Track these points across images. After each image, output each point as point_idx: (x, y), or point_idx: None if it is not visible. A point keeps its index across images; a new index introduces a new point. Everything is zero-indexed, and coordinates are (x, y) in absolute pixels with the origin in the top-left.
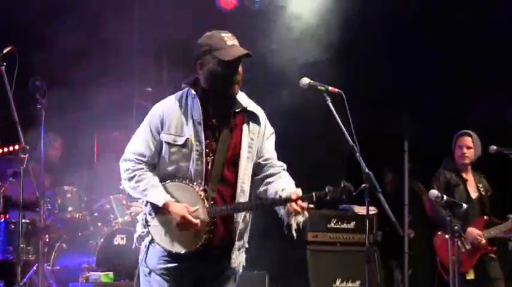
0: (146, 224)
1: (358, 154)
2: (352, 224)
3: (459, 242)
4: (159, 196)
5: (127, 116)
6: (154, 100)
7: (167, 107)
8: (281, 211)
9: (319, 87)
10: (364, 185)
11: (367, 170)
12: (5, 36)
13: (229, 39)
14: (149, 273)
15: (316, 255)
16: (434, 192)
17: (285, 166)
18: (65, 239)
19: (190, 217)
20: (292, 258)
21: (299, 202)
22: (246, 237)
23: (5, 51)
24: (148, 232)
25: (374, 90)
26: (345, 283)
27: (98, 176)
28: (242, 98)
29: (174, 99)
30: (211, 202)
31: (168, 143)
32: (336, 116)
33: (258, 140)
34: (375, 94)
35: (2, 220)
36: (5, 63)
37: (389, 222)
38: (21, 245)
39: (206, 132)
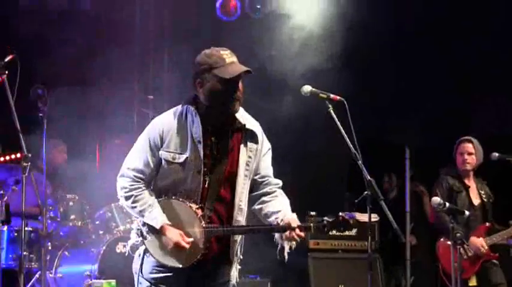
0: (142, 237)
1: (360, 162)
2: (354, 231)
3: (461, 249)
4: (157, 218)
5: (128, 123)
6: (155, 107)
7: (167, 124)
8: (275, 235)
9: (320, 94)
10: (366, 192)
11: (368, 178)
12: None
13: (228, 56)
14: (144, 282)
15: (318, 262)
16: (436, 199)
17: (280, 184)
18: (68, 247)
19: (184, 244)
20: (294, 265)
21: (297, 231)
22: (240, 249)
23: (6, 60)
24: (142, 242)
25: (377, 98)
26: None
27: (100, 183)
28: (241, 115)
29: (174, 116)
30: (208, 221)
31: (167, 161)
32: (338, 123)
33: (256, 158)
34: (378, 102)
35: (5, 228)
36: (6, 72)
37: (391, 229)
38: (24, 253)
39: (205, 150)
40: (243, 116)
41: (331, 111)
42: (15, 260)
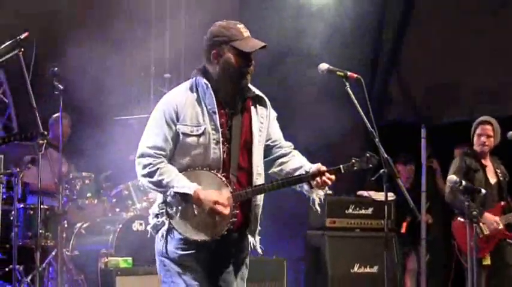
0: (168, 216)
1: (377, 140)
2: (370, 210)
3: (477, 228)
4: (189, 185)
5: (145, 102)
6: (172, 87)
7: (180, 98)
8: (304, 187)
9: (338, 72)
10: (382, 170)
11: (385, 155)
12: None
13: (244, 30)
14: (169, 263)
15: (334, 241)
16: (452, 177)
17: (292, 146)
18: (84, 224)
19: (222, 204)
20: (311, 244)
21: (327, 174)
22: (259, 218)
23: (22, 37)
24: (163, 222)
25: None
26: (362, 268)
27: (117, 162)
28: (252, 86)
29: (185, 90)
30: (234, 187)
31: (185, 134)
32: (355, 101)
33: (266, 123)
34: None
35: (21, 206)
36: (22, 49)
37: (408, 209)
38: (40, 231)
39: (221, 121)
40: (253, 88)
41: (349, 89)
42: (31, 238)
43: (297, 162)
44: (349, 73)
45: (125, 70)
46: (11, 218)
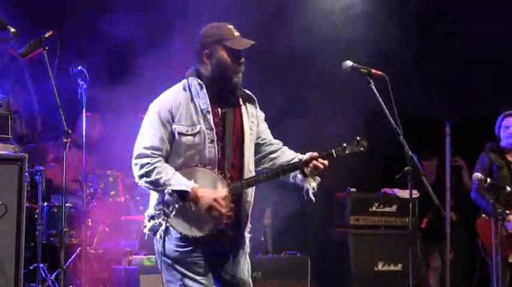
0: (165, 216)
1: (401, 137)
2: (394, 208)
3: (502, 226)
4: (185, 183)
5: None
6: None
7: (174, 99)
8: (298, 176)
9: (361, 69)
10: (407, 168)
11: (410, 153)
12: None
13: (235, 30)
14: (170, 263)
15: (358, 238)
16: (477, 175)
17: (281, 143)
18: (108, 223)
19: (220, 203)
20: (334, 241)
21: (320, 159)
22: (249, 214)
23: (46, 35)
24: (160, 223)
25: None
26: (386, 266)
27: None
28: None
29: (178, 91)
30: (229, 181)
31: (181, 134)
32: (379, 99)
33: (256, 122)
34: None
35: (45, 204)
36: (46, 47)
37: (432, 206)
38: (64, 229)
39: (214, 120)
40: (244, 90)
41: (373, 86)
42: (55, 236)
43: (289, 154)
44: (373, 70)
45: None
46: (36, 216)
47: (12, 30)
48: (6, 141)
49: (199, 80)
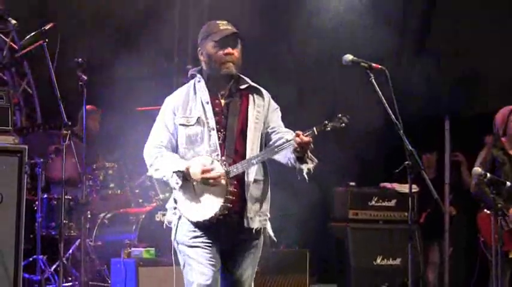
0: (175, 203)
1: (401, 131)
2: (393, 202)
3: (502, 221)
4: (182, 163)
5: (167, 94)
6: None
7: (177, 99)
8: (291, 157)
9: (362, 63)
10: (406, 162)
11: (410, 147)
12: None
13: (223, 24)
14: (182, 248)
15: (357, 233)
16: (477, 169)
17: (291, 132)
18: (107, 215)
19: (208, 170)
20: (333, 236)
21: (301, 136)
22: (265, 205)
23: (47, 27)
24: (175, 213)
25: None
26: (385, 260)
27: (139, 152)
28: (247, 79)
29: (183, 90)
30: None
31: (183, 125)
32: (380, 93)
33: (263, 112)
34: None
35: (45, 196)
36: (47, 39)
37: (431, 201)
38: (64, 221)
39: (215, 110)
40: (249, 81)
41: (373, 80)
42: (54, 228)
43: (288, 136)
44: (373, 64)
45: (149, 61)
46: (35, 208)
47: (13, 21)
48: (6, 133)
49: (199, 75)
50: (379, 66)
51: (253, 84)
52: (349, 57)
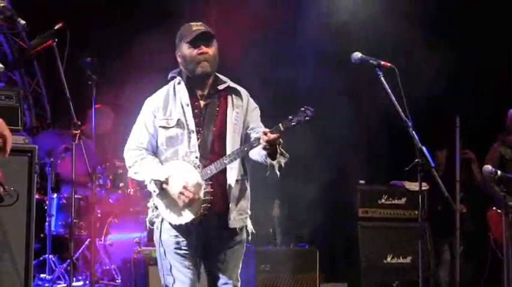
0: (155, 207)
1: (411, 129)
2: (403, 200)
3: None
4: (161, 172)
5: None
6: None
7: (157, 98)
8: (262, 155)
9: (370, 61)
10: (416, 160)
11: (420, 145)
12: (58, 13)
13: (196, 26)
14: (164, 251)
15: (366, 231)
16: (488, 167)
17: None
18: (117, 214)
19: (188, 189)
20: (343, 234)
21: (268, 134)
22: (245, 203)
23: (56, 27)
24: (157, 214)
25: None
26: (395, 259)
27: None
28: (226, 79)
29: (162, 92)
30: (203, 167)
31: (163, 127)
32: (389, 90)
33: (242, 112)
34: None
35: (55, 196)
36: (56, 39)
37: (441, 199)
38: (74, 221)
39: (194, 112)
40: (227, 79)
41: (382, 78)
42: (64, 228)
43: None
44: (382, 62)
45: (160, 59)
46: (45, 208)
47: (22, 22)
48: (16, 133)
49: (179, 77)
50: (388, 64)
51: (232, 85)
52: (358, 54)
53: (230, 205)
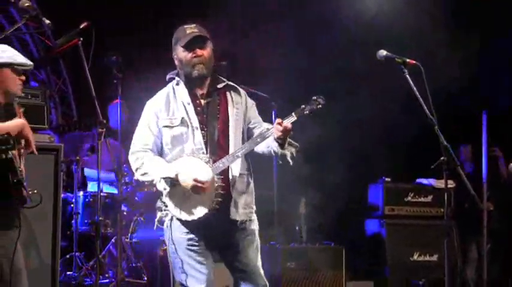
0: (164, 205)
1: (436, 127)
2: (429, 198)
3: None
4: (170, 169)
5: None
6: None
7: (158, 100)
8: (273, 145)
9: (396, 59)
10: (442, 158)
11: (445, 143)
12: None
13: (190, 29)
14: (175, 249)
15: (393, 229)
16: None
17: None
18: (143, 212)
19: (200, 182)
20: (369, 232)
21: (283, 122)
22: (249, 198)
23: (81, 27)
24: (167, 213)
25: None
26: (422, 256)
27: None
28: (223, 78)
29: (163, 94)
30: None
31: (167, 127)
32: (414, 88)
33: (242, 108)
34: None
35: (81, 193)
36: (81, 38)
37: (468, 197)
38: (100, 218)
39: (197, 109)
40: (225, 79)
41: (407, 75)
42: (90, 225)
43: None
44: (407, 60)
45: None
46: (72, 205)
47: (47, 21)
48: (42, 131)
49: (177, 78)
50: (414, 62)
51: (229, 82)
52: (383, 52)
53: (233, 198)
